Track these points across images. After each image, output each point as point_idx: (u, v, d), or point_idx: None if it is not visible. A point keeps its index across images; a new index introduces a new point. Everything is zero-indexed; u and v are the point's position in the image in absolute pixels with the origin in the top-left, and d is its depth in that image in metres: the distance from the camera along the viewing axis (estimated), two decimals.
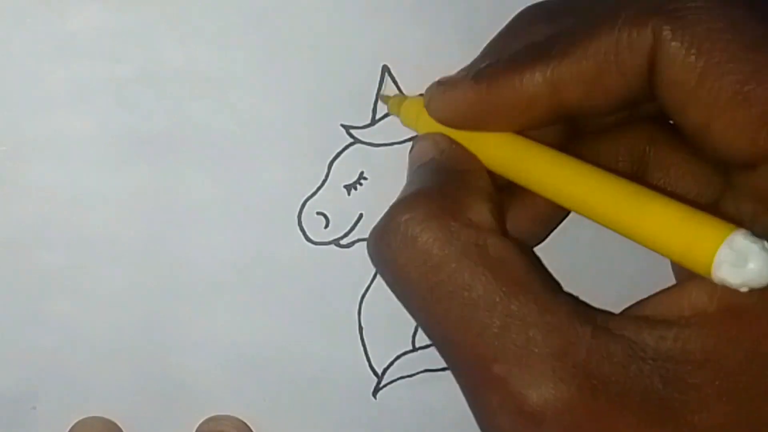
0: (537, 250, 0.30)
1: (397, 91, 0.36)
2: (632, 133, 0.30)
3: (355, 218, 0.37)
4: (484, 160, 0.28)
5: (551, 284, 0.25)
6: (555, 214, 0.31)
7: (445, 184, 0.27)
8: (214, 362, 0.37)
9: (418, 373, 0.38)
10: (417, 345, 0.38)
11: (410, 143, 0.37)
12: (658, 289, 0.25)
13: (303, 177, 0.36)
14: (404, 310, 0.37)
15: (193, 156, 0.35)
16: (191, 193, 0.36)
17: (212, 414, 0.37)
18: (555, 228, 0.31)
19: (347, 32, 0.36)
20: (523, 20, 0.30)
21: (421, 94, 0.32)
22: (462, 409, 0.38)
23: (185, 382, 0.37)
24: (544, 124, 0.28)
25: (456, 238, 0.25)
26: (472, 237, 0.25)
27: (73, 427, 0.36)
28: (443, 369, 0.38)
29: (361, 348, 0.37)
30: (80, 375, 0.36)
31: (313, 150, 0.36)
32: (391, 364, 0.38)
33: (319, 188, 0.36)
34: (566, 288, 0.26)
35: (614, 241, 0.25)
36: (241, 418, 0.37)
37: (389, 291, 0.37)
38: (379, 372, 0.38)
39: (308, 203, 0.36)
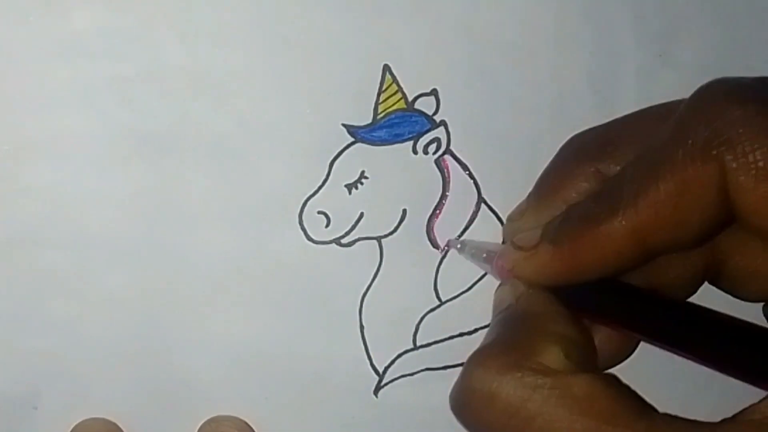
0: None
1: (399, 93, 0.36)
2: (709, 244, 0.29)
3: (356, 217, 0.37)
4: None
5: (647, 410, 0.24)
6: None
7: (517, 333, 0.27)
8: (215, 362, 0.37)
9: (419, 371, 0.38)
10: (418, 343, 0.38)
11: (410, 142, 0.37)
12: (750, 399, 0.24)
13: (304, 176, 0.36)
14: (405, 309, 0.38)
15: (194, 156, 0.36)
16: (192, 193, 0.36)
17: (214, 414, 0.37)
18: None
19: (347, 32, 0.36)
20: (572, 153, 0.30)
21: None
22: None
23: (186, 382, 0.37)
24: (632, 268, 0.28)
25: (536, 389, 0.25)
26: (552, 383, 0.25)
27: (73, 429, 0.36)
28: (444, 368, 0.38)
29: (362, 347, 0.37)
30: (81, 375, 0.36)
31: (314, 149, 0.36)
32: (392, 362, 0.38)
33: (320, 187, 0.36)
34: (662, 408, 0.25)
35: None
36: (242, 417, 0.37)
37: (390, 289, 0.37)
38: (380, 371, 0.38)
39: (309, 202, 0.36)
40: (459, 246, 0.37)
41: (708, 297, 0.30)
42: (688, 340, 0.26)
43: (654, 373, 0.30)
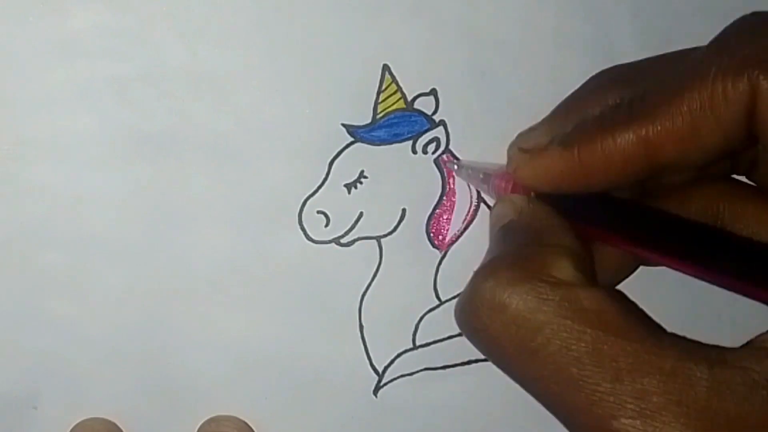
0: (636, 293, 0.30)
1: (398, 94, 0.36)
2: (704, 191, 0.29)
3: (356, 217, 0.37)
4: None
5: (654, 327, 0.24)
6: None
7: (525, 246, 0.27)
8: (215, 362, 0.37)
9: (418, 371, 0.38)
10: (417, 343, 0.38)
11: (409, 142, 0.37)
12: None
13: (303, 176, 0.36)
14: (405, 309, 0.38)
15: (194, 155, 0.36)
16: (192, 193, 0.36)
17: (213, 414, 0.37)
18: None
19: (347, 32, 0.36)
20: (598, 83, 0.29)
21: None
22: (462, 407, 0.38)
23: (186, 382, 0.37)
24: (636, 181, 0.27)
25: (547, 299, 0.24)
26: (562, 295, 0.24)
27: (73, 429, 0.36)
28: (444, 367, 0.38)
29: (362, 346, 0.37)
30: (81, 375, 0.36)
31: (314, 149, 0.36)
32: (392, 362, 0.38)
33: (319, 187, 0.36)
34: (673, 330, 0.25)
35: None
36: (242, 417, 0.37)
37: (390, 289, 0.37)
38: (380, 370, 0.38)
39: (309, 202, 0.36)
40: (456, 167, 0.36)
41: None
42: (691, 252, 0.25)
43: (656, 300, 0.30)
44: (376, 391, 0.38)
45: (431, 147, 0.37)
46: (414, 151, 0.37)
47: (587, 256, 0.27)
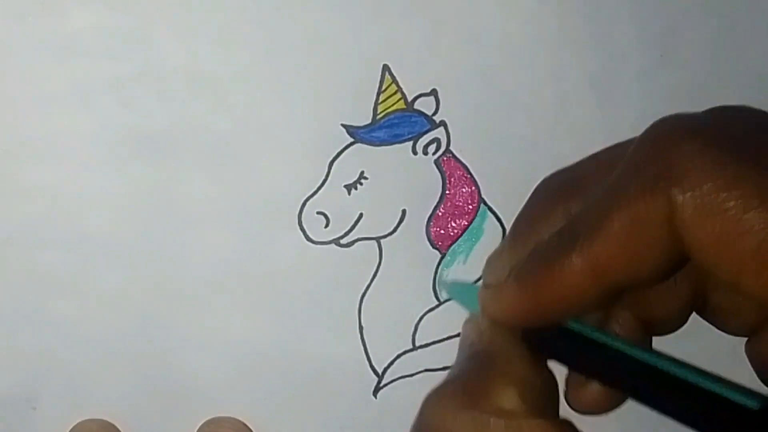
0: None
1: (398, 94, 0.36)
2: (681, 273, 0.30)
3: (356, 218, 0.37)
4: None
5: None
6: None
7: (475, 372, 0.27)
8: (214, 363, 0.37)
9: (418, 372, 0.38)
10: (417, 344, 0.38)
11: (409, 142, 0.37)
12: None
13: (303, 177, 0.36)
14: (404, 309, 0.38)
15: (193, 156, 0.36)
16: (191, 193, 0.36)
17: (212, 414, 0.37)
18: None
19: (347, 32, 0.36)
20: (543, 197, 0.30)
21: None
22: None
23: (185, 382, 0.37)
24: (599, 307, 0.27)
25: (489, 428, 0.25)
26: (503, 426, 0.25)
27: (71, 430, 0.36)
28: (444, 368, 0.38)
29: (362, 347, 0.37)
30: (80, 375, 0.36)
31: (314, 150, 0.36)
32: (392, 363, 0.38)
33: (319, 188, 0.36)
34: None
35: None
36: (241, 418, 0.37)
37: (389, 290, 0.37)
38: (380, 371, 0.38)
39: (308, 203, 0.36)
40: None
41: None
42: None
43: None
44: (375, 392, 0.38)
45: (432, 148, 0.37)
46: (414, 152, 0.37)
47: (543, 384, 0.27)
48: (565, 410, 0.29)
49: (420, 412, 0.27)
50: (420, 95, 0.37)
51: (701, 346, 0.33)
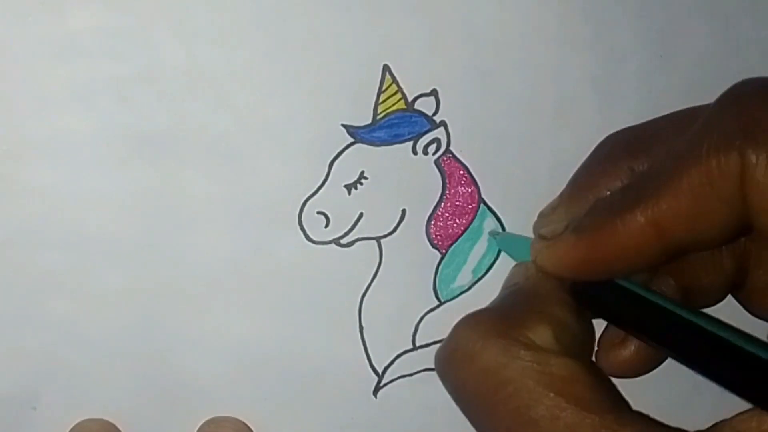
0: None
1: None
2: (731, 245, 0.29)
3: (356, 218, 0.37)
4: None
5: (620, 404, 0.25)
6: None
7: (513, 306, 0.27)
8: (214, 363, 0.37)
9: (418, 372, 0.38)
10: (417, 344, 0.38)
11: (410, 142, 0.37)
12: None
13: (303, 176, 0.36)
14: (404, 309, 0.38)
15: (193, 156, 0.35)
16: (191, 193, 0.36)
17: (213, 414, 0.37)
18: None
19: (347, 32, 0.36)
20: (606, 154, 0.30)
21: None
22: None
23: (185, 382, 0.37)
24: (655, 265, 0.27)
25: (515, 358, 0.25)
26: (532, 357, 0.25)
27: (71, 430, 0.36)
28: None
29: (362, 347, 0.37)
30: (80, 375, 0.36)
31: (314, 149, 0.36)
32: (392, 363, 0.38)
33: (319, 188, 0.36)
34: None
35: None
36: (241, 418, 0.37)
37: (389, 290, 0.37)
38: (380, 371, 0.38)
39: (309, 203, 0.36)
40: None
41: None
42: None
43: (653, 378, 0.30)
44: (375, 392, 0.38)
45: (432, 148, 0.37)
46: (414, 152, 0.37)
47: (580, 332, 0.27)
48: None
49: (451, 333, 0.26)
50: (420, 95, 0.37)
51: None
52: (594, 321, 0.29)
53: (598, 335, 0.30)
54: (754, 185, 0.24)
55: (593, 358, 0.30)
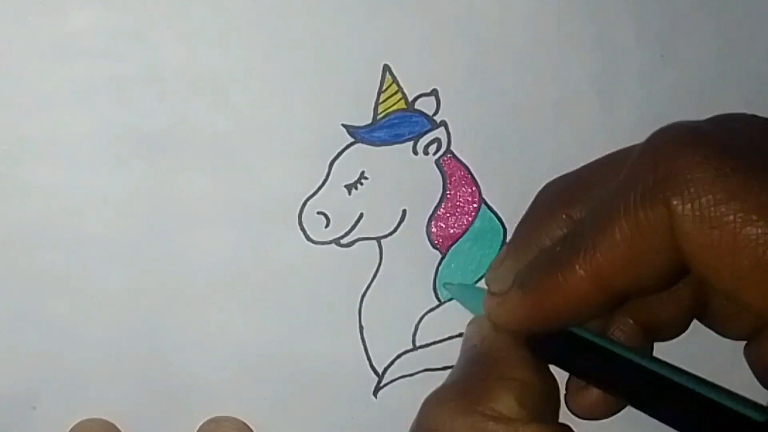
0: None
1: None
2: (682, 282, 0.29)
3: (356, 218, 0.37)
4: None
5: None
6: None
7: (473, 376, 0.28)
8: (214, 362, 0.37)
9: (418, 372, 0.38)
10: (417, 344, 0.38)
11: (410, 142, 0.37)
12: None
13: (303, 177, 0.36)
14: (405, 309, 0.38)
15: (193, 156, 0.35)
16: (191, 193, 0.36)
17: (213, 414, 0.37)
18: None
19: (347, 32, 0.36)
20: (544, 203, 0.30)
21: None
22: None
23: (185, 382, 0.37)
24: (603, 314, 0.28)
25: None
26: (501, 430, 0.25)
27: (71, 430, 0.36)
28: (444, 368, 0.38)
29: (362, 347, 0.37)
30: (80, 375, 0.36)
31: (314, 150, 0.36)
32: (392, 363, 0.38)
33: (319, 188, 0.36)
34: None
35: None
36: (241, 418, 0.37)
37: (390, 290, 0.37)
38: (380, 371, 0.38)
39: (309, 203, 0.36)
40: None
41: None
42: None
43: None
44: (376, 392, 0.38)
45: (432, 148, 0.37)
46: (415, 152, 0.37)
47: (543, 389, 0.27)
48: (565, 415, 0.29)
49: (419, 415, 0.27)
50: (420, 95, 0.37)
51: (701, 351, 0.33)
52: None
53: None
54: (684, 235, 0.24)
55: (564, 401, 0.30)
